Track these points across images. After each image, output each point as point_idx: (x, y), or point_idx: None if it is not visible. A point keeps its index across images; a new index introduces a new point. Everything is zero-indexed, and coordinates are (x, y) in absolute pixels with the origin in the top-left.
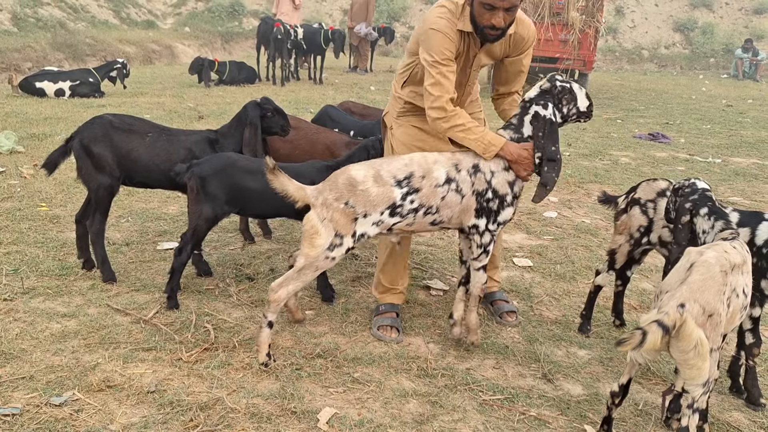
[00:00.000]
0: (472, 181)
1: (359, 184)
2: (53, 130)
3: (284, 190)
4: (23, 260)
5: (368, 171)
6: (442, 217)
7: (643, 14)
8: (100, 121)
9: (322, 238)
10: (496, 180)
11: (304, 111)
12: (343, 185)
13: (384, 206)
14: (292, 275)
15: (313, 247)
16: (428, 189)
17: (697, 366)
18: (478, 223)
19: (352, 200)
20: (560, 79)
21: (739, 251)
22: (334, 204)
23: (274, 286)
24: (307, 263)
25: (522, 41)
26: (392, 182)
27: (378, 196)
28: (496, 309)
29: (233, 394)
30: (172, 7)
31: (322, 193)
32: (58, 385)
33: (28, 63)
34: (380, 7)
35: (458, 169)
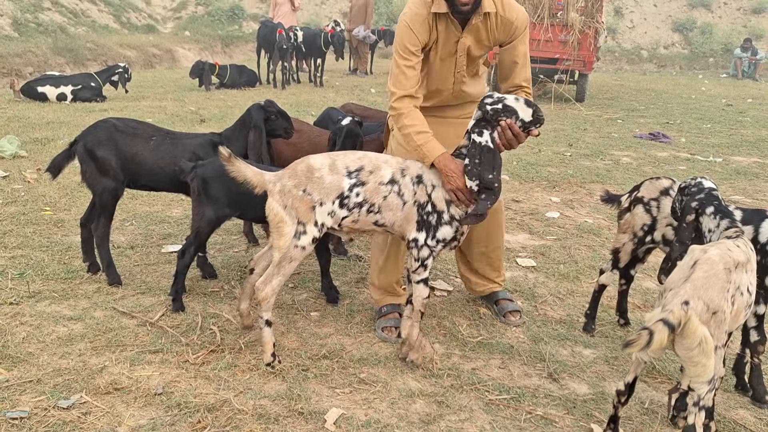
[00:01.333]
0: (414, 189)
1: (315, 171)
2: (56, 135)
3: (243, 177)
4: (29, 264)
5: (325, 160)
6: (385, 219)
7: (642, 14)
8: (104, 125)
9: (287, 225)
10: (435, 194)
11: (305, 114)
12: (301, 172)
13: (335, 195)
14: (272, 271)
15: (281, 236)
16: (373, 185)
17: (702, 363)
18: (418, 236)
19: (309, 187)
20: (489, 102)
21: (742, 249)
22: (293, 191)
23: (259, 285)
24: (281, 255)
25: (510, 25)
26: (344, 172)
27: (330, 184)
28: (500, 309)
29: (240, 395)
30: (172, 12)
31: (281, 180)
32: (66, 388)
33: (30, 68)
34: (379, 10)
35: (403, 174)
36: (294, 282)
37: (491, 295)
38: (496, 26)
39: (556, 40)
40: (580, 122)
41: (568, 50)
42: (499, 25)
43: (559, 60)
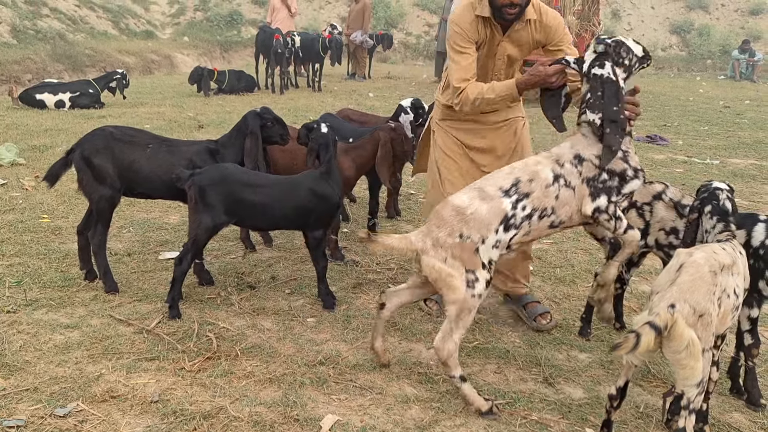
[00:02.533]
0: (579, 170)
1: (466, 209)
2: (54, 142)
3: (390, 248)
4: (26, 272)
5: (470, 193)
6: (561, 217)
7: (640, 17)
8: (101, 132)
9: (456, 278)
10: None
11: (303, 118)
12: (450, 217)
13: (497, 222)
14: (450, 326)
15: (453, 290)
16: (540, 192)
17: (690, 366)
18: (599, 204)
19: (465, 230)
20: (607, 39)
21: (728, 252)
22: (449, 240)
23: (438, 345)
24: (458, 308)
25: (551, 30)
26: (499, 194)
27: (489, 213)
28: (530, 312)
29: (236, 402)
30: (170, 17)
31: (429, 234)
32: (62, 397)
33: (28, 75)
34: (378, 14)
35: (561, 164)
36: (291, 288)
37: (519, 299)
38: (536, 31)
39: None
40: None
41: None
42: (539, 30)
43: None
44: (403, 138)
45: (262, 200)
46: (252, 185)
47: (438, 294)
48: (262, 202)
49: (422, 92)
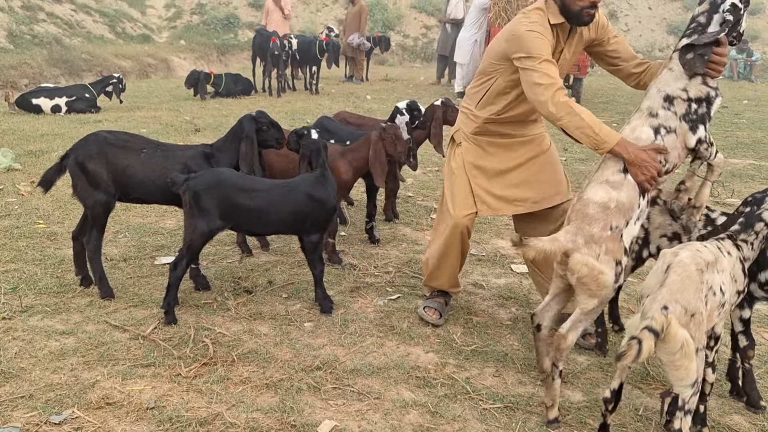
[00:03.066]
0: (674, 111)
1: (609, 203)
2: (50, 147)
3: (543, 252)
4: (21, 278)
5: (602, 187)
6: (672, 161)
7: (637, 18)
8: (95, 138)
9: (606, 274)
10: (693, 92)
11: (301, 121)
12: (596, 213)
13: (637, 198)
14: (580, 317)
15: (602, 287)
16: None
17: (685, 366)
18: (699, 135)
19: (614, 222)
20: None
21: (710, 250)
22: (603, 234)
23: (563, 333)
24: (600, 302)
25: (603, 28)
26: (622, 177)
27: (630, 197)
28: None
29: (232, 408)
30: (167, 21)
31: (580, 232)
32: (58, 404)
33: (25, 79)
34: (375, 17)
35: (655, 114)
36: (288, 292)
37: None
38: (591, 30)
39: None
40: None
41: None
42: (593, 29)
43: None
44: (394, 138)
45: (258, 205)
46: (247, 190)
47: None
48: (258, 206)
49: (420, 94)
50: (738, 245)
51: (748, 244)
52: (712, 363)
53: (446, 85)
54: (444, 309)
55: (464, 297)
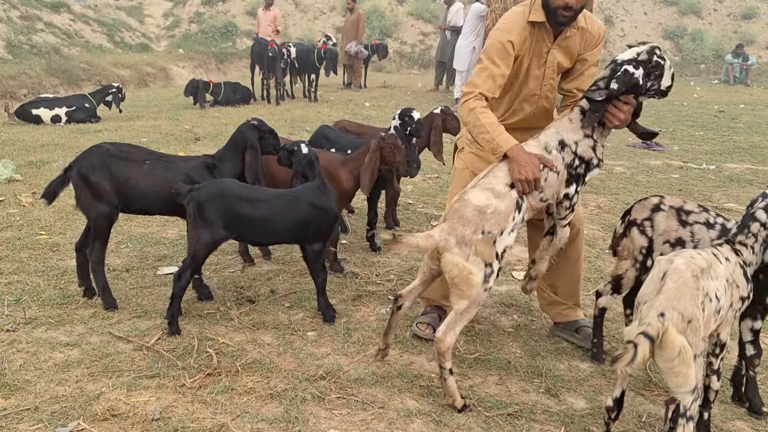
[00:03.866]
0: (562, 156)
1: (486, 208)
2: (51, 157)
3: (415, 247)
4: (25, 290)
5: (485, 193)
6: (547, 195)
7: (633, 23)
8: (98, 150)
9: (475, 275)
10: (580, 148)
11: (300, 129)
12: (472, 215)
13: (512, 211)
14: (455, 318)
15: (471, 287)
16: None
17: (683, 373)
18: (569, 190)
19: (487, 226)
20: (658, 54)
21: (704, 257)
22: (474, 237)
23: (441, 336)
24: (470, 303)
25: (591, 39)
26: (507, 189)
27: (506, 208)
28: (585, 335)
29: (237, 419)
30: (165, 30)
31: (453, 233)
32: (63, 416)
33: (24, 90)
34: (372, 24)
35: (548, 151)
36: (290, 301)
37: (571, 324)
38: (581, 41)
39: None
40: None
41: None
42: (586, 39)
43: None
44: (393, 146)
45: (262, 214)
46: (251, 200)
47: (429, 317)
48: (262, 216)
49: (418, 101)
50: (737, 250)
51: (748, 248)
52: (717, 370)
53: (444, 91)
54: (437, 323)
55: None
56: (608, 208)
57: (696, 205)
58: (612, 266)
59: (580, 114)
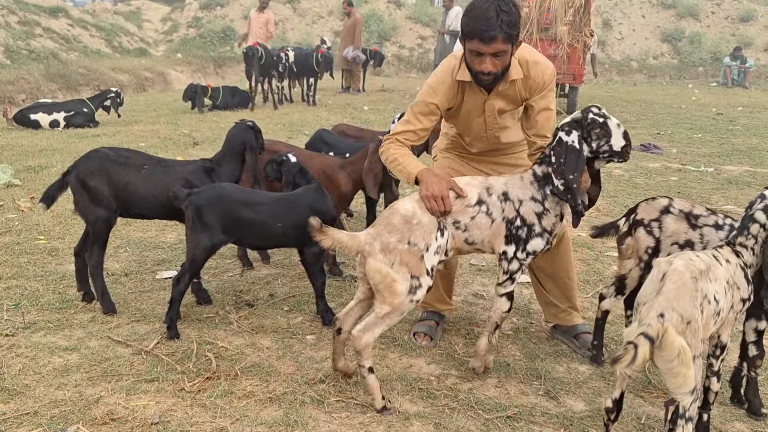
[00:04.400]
0: (502, 207)
1: (413, 218)
2: (49, 162)
3: (339, 243)
4: (23, 294)
5: (413, 203)
6: (474, 237)
7: (631, 26)
8: (96, 155)
9: (400, 284)
10: (524, 209)
11: (299, 133)
12: (399, 224)
13: (435, 229)
14: (375, 321)
15: (395, 295)
16: (460, 207)
17: (683, 374)
18: (507, 249)
19: (413, 238)
20: (595, 112)
21: (702, 259)
22: (399, 246)
23: (357, 333)
24: (392, 310)
25: (536, 85)
26: None
27: (430, 223)
28: (582, 342)
29: (237, 423)
30: (163, 35)
31: (379, 238)
32: (63, 420)
33: (22, 95)
34: (370, 28)
35: (489, 193)
36: (289, 305)
37: (570, 330)
38: (524, 88)
39: (546, 55)
40: None
41: (557, 64)
42: (526, 87)
43: None
44: None
45: (261, 218)
46: (249, 204)
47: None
48: (261, 220)
49: None
50: (737, 252)
51: (748, 249)
52: (717, 372)
53: None
54: (435, 331)
55: (465, 308)
56: (607, 211)
57: (704, 208)
58: (612, 269)
59: (532, 177)
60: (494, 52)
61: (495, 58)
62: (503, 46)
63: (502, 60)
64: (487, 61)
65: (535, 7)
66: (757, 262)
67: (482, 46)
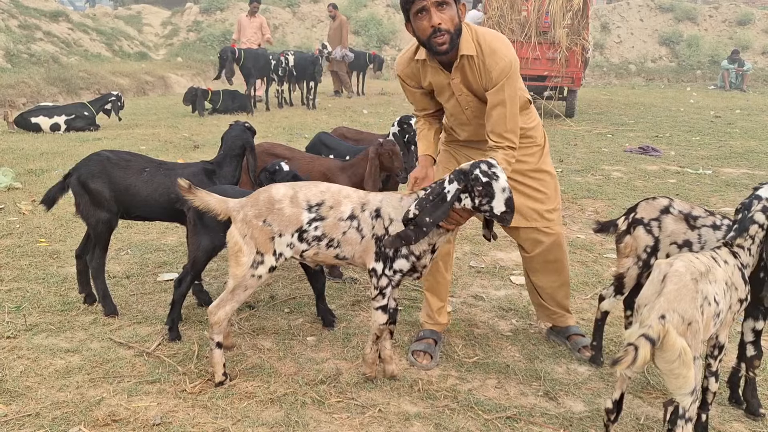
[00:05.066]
0: (372, 224)
1: (276, 202)
2: (50, 165)
3: (206, 205)
4: (25, 297)
5: (287, 191)
6: (345, 252)
7: (629, 29)
8: (98, 157)
9: (245, 255)
10: (393, 228)
11: (299, 136)
12: (263, 202)
13: (294, 228)
14: (226, 296)
15: (238, 266)
16: (332, 221)
17: (683, 375)
18: (376, 266)
19: (269, 218)
20: (485, 168)
21: (702, 261)
22: (254, 221)
23: (213, 309)
24: (236, 283)
25: (488, 73)
26: (304, 205)
27: (290, 216)
28: (574, 344)
29: (238, 423)
30: (164, 39)
31: (243, 209)
32: (64, 421)
33: (23, 99)
34: (369, 32)
35: (363, 209)
36: (290, 307)
37: (563, 331)
38: (479, 70)
39: (544, 58)
40: (570, 138)
41: (556, 67)
42: (481, 70)
43: (547, 77)
44: (391, 153)
45: None
46: None
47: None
48: None
49: None
50: (735, 253)
51: (745, 250)
52: (715, 372)
53: None
54: (434, 349)
55: (465, 309)
56: (605, 213)
57: (703, 210)
58: (610, 270)
59: (414, 201)
60: (436, 2)
61: (440, 11)
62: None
63: (448, 14)
64: (433, 14)
65: (533, 11)
66: (752, 263)
67: (423, 1)
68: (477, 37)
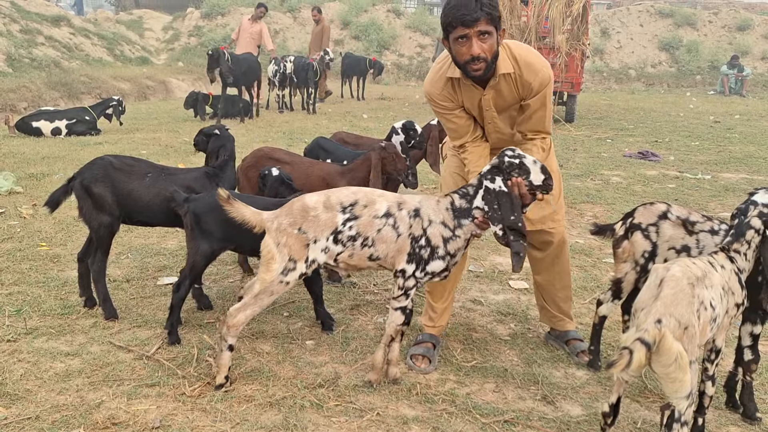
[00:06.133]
0: (410, 222)
1: (311, 210)
2: (51, 170)
3: (242, 217)
4: (25, 300)
5: (320, 198)
6: (378, 252)
7: (629, 35)
8: (101, 162)
9: (277, 262)
10: (432, 230)
11: (299, 141)
12: (297, 211)
13: (329, 231)
14: (250, 301)
15: (269, 272)
16: (367, 218)
17: (680, 379)
18: (407, 268)
19: (304, 226)
20: (510, 155)
21: (698, 266)
22: (288, 229)
23: (233, 312)
24: (263, 288)
25: (528, 85)
26: (338, 208)
27: (326, 221)
28: (572, 348)
29: (237, 427)
30: (165, 43)
31: (278, 218)
32: (64, 425)
33: (24, 103)
34: (370, 37)
35: (400, 208)
36: (289, 310)
37: (562, 335)
38: (516, 86)
39: None
40: (570, 142)
41: (556, 72)
42: (519, 86)
43: None
44: (394, 156)
45: None
46: None
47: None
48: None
49: (416, 113)
50: (731, 257)
51: (741, 255)
52: (712, 376)
53: None
54: (432, 353)
55: (463, 313)
56: (605, 218)
57: (700, 215)
58: (609, 275)
59: (449, 204)
60: (479, 32)
61: (481, 41)
62: (487, 27)
63: (488, 43)
64: (474, 43)
65: (533, 16)
66: (749, 267)
67: (466, 30)
68: (512, 53)
